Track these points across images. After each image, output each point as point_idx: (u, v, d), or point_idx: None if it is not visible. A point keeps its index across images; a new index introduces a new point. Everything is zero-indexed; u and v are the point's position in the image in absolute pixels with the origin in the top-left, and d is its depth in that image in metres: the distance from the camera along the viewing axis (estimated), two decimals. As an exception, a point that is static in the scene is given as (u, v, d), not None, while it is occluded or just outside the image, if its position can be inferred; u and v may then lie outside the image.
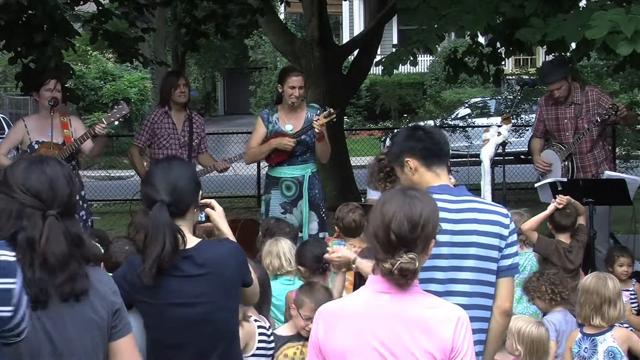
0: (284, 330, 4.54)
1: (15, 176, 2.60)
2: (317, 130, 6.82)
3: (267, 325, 4.34)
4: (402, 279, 2.75)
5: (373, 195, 6.08)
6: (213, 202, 3.48)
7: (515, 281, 3.80)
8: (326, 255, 4.29)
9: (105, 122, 6.87)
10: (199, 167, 7.47)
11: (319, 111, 7.04)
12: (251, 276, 3.44)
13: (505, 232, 3.49)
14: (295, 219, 6.91)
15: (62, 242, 2.53)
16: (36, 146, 6.93)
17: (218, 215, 3.48)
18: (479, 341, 3.41)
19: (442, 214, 3.38)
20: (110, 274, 3.04)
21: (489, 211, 3.53)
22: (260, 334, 4.23)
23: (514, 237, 3.54)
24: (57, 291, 2.55)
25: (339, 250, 4.22)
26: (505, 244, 3.49)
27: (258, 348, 4.22)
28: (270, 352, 4.32)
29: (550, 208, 5.94)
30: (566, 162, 7.39)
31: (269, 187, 7.14)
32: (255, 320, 4.26)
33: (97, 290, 2.65)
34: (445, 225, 3.38)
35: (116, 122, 7.19)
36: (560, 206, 5.91)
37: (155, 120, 7.55)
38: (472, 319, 3.33)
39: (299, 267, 5.14)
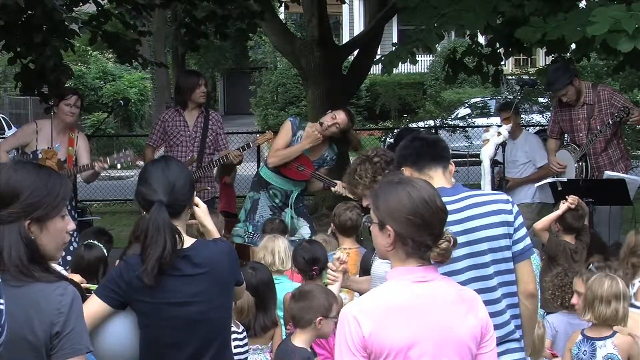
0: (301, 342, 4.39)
1: None
2: (334, 189, 6.68)
3: (240, 329, 4.32)
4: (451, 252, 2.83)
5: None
6: (196, 199, 3.48)
7: None
8: (329, 265, 4.32)
9: (108, 163, 6.96)
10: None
11: (335, 156, 7.01)
12: (241, 275, 3.47)
13: (510, 217, 3.49)
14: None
15: None
16: (40, 155, 6.97)
17: (202, 212, 3.49)
18: (517, 326, 3.49)
19: None
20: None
21: (490, 202, 3.52)
22: (233, 339, 4.21)
23: (520, 219, 3.54)
24: None
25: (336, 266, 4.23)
26: (514, 229, 3.49)
27: (234, 354, 4.22)
28: (245, 355, 4.31)
29: (562, 208, 5.91)
30: (580, 163, 7.39)
31: (258, 187, 7.10)
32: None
33: (40, 309, 2.58)
34: (451, 228, 3.39)
35: (118, 165, 7.23)
36: (573, 206, 5.90)
37: (166, 119, 7.54)
38: (505, 310, 3.43)
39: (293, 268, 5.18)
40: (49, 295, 2.59)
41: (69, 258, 6.48)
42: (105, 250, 5.01)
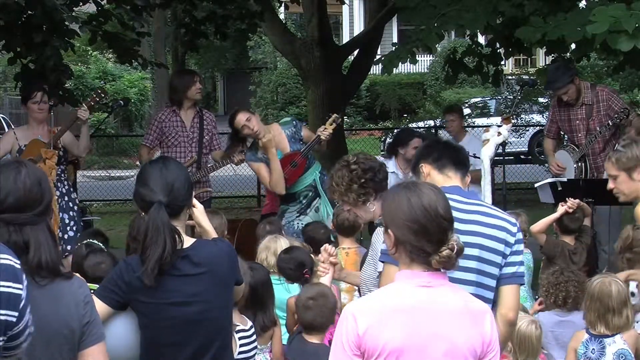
0: None
1: None
2: (323, 138, 6.84)
3: (247, 326, 4.31)
4: (457, 260, 2.77)
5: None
6: (193, 200, 3.48)
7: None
8: (319, 257, 4.32)
9: (85, 105, 7.04)
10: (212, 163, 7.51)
11: (295, 122, 7.13)
12: (241, 275, 3.49)
13: (512, 239, 3.48)
14: (310, 219, 6.88)
15: None
16: (24, 147, 7.03)
17: (199, 212, 3.51)
18: None
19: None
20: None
21: (497, 217, 3.52)
22: (240, 338, 4.21)
23: (520, 246, 3.52)
24: None
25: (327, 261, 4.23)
26: (511, 251, 3.47)
27: (240, 352, 4.21)
28: (253, 353, 4.30)
29: (560, 211, 5.90)
30: (579, 163, 7.39)
31: (286, 202, 7.08)
32: (236, 329, 4.24)
33: (69, 304, 2.64)
34: (455, 225, 3.38)
35: (96, 106, 7.28)
36: (571, 210, 5.89)
37: (162, 119, 7.50)
38: None
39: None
40: (70, 289, 2.68)
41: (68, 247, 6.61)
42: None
